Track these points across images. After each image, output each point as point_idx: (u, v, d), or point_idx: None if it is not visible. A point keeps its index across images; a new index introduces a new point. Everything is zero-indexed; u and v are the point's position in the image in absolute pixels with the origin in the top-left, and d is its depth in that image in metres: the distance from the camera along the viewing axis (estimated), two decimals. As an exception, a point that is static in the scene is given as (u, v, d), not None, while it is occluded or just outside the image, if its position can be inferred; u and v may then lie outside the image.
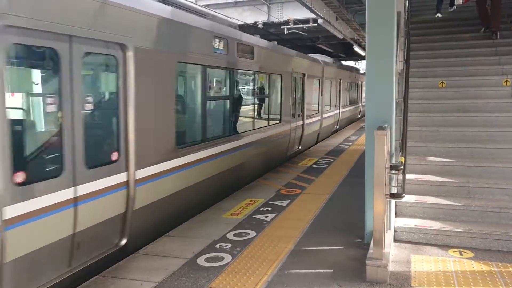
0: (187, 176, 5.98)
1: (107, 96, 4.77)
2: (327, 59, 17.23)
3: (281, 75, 10.04)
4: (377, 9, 4.76)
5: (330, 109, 16.23)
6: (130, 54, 4.57)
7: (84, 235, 4.09)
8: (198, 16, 6.95)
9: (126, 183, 4.63)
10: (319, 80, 14.19)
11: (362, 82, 26.25)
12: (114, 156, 4.52)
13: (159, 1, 5.89)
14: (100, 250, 4.38)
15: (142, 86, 4.82)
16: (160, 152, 5.32)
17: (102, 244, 4.42)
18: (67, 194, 3.86)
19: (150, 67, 4.98)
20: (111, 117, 4.59)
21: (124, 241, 4.70)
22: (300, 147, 11.94)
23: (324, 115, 14.98)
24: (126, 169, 4.63)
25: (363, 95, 26.11)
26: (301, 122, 11.84)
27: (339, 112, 18.16)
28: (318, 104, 14.27)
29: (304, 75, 12.05)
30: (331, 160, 10.58)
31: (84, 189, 4.06)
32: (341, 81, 18.44)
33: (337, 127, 18.02)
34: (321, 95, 14.49)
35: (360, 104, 25.76)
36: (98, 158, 4.38)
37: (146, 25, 4.94)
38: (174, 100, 5.61)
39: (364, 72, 20.91)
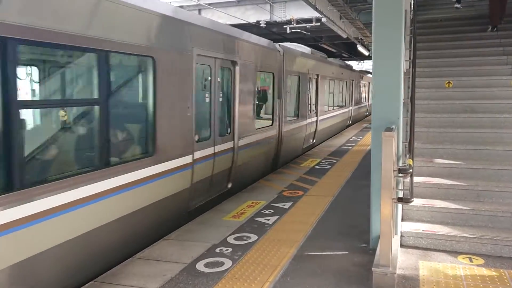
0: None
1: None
2: (303, 48, 13.19)
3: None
4: (384, 8, 4.59)
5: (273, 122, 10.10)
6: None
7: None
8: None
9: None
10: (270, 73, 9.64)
11: (356, 81, 22.29)
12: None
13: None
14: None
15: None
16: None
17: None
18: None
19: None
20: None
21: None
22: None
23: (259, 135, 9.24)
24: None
25: (358, 96, 23.05)
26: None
27: (282, 128, 10.29)
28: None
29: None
30: (334, 161, 10.41)
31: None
32: (319, 77, 13.47)
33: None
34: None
35: (350, 108, 20.71)
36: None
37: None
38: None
39: (360, 70, 19.84)
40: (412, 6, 8.54)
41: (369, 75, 24.60)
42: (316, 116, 13.43)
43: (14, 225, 3.44)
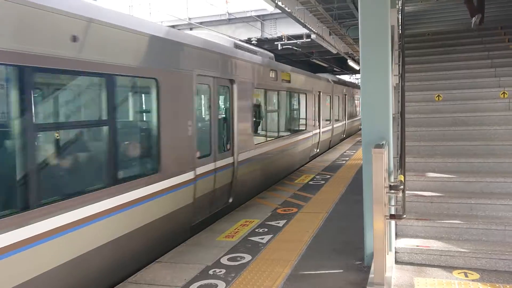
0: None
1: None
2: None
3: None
4: (370, 24, 4.64)
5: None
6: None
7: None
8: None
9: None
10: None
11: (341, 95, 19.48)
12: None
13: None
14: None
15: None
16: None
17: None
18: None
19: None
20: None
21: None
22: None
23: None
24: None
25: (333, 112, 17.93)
26: None
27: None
28: None
29: None
30: (328, 177, 10.39)
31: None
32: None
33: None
34: None
35: (317, 132, 14.83)
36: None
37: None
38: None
39: (338, 81, 18.40)
40: (400, 21, 8.67)
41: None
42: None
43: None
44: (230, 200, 7.59)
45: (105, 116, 4.58)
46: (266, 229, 6.20)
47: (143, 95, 5.69)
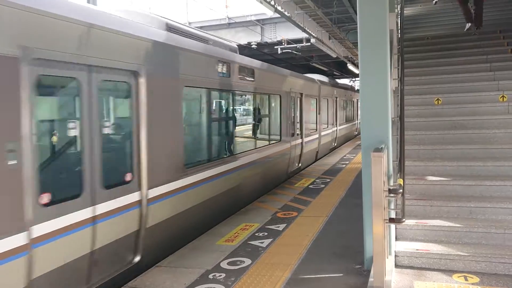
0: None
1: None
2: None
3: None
4: (368, 28, 4.66)
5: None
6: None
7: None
8: None
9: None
10: None
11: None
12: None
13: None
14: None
15: None
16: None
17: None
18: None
19: None
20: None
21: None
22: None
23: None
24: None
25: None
26: None
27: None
28: None
29: None
30: (328, 180, 10.39)
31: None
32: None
33: None
34: None
35: (299, 143, 12.24)
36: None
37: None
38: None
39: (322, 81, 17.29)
40: (399, 25, 8.71)
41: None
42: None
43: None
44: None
45: None
46: (266, 233, 6.20)
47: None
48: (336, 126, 18.38)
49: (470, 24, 9.52)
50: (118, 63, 4.64)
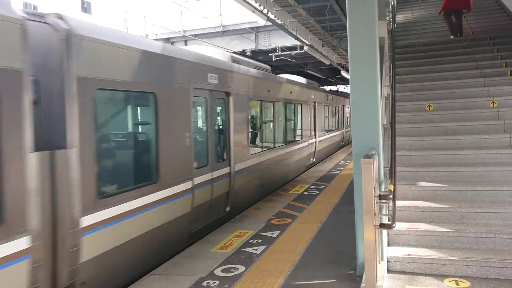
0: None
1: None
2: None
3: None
4: (358, 36, 4.73)
5: None
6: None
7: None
8: None
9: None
10: None
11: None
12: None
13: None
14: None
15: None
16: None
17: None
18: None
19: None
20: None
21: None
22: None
23: None
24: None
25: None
26: None
27: None
28: None
29: None
30: (322, 187, 10.44)
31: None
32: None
33: None
34: None
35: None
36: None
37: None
38: None
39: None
40: (390, 33, 8.80)
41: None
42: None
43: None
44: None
45: None
46: (260, 240, 6.22)
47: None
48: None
49: (453, 36, 10.18)
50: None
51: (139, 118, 6.05)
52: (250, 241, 6.21)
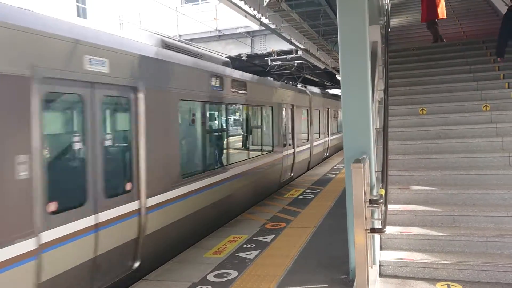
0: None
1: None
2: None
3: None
4: (349, 40, 4.74)
5: None
6: None
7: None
8: None
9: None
10: None
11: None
12: None
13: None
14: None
15: None
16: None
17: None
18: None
19: None
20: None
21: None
22: None
23: None
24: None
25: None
26: None
27: None
28: None
29: None
30: (318, 191, 10.44)
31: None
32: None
33: None
34: None
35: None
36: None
37: None
38: None
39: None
40: (384, 37, 8.83)
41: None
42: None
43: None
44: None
45: None
46: (254, 245, 6.21)
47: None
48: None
49: (433, 42, 10.56)
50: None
51: None
52: (244, 246, 6.19)
